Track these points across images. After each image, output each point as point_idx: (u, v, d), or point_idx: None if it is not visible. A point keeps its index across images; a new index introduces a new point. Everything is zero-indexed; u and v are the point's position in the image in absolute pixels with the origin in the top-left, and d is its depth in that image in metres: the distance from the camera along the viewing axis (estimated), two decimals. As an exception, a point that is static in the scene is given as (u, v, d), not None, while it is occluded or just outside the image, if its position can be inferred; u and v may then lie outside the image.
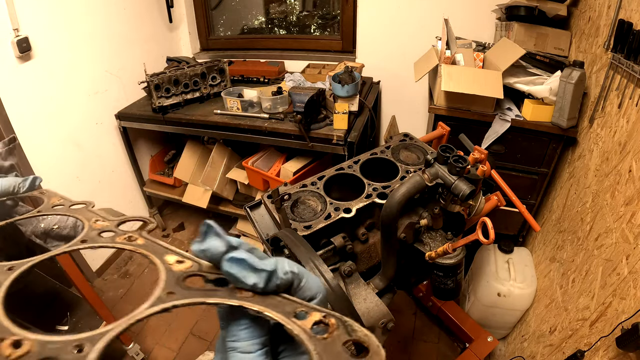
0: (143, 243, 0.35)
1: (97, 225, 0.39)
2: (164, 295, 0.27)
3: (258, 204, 1.11)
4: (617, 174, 1.24)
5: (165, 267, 0.30)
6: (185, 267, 0.30)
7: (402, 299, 2.22)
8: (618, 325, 1.03)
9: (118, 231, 0.38)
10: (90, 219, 0.40)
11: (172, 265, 0.30)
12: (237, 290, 0.28)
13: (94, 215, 0.42)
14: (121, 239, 0.36)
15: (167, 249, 0.33)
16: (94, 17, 2.13)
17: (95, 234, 0.37)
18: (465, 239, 0.78)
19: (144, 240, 0.35)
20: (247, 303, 0.27)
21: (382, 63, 2.43)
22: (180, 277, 0.29)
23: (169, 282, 0.28)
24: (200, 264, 0.31)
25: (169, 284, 0.28)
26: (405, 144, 1.21)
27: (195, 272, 0.29)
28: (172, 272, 0.30)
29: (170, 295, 0.27)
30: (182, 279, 0.29)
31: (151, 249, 0.34)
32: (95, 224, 0.39)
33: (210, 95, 2.31)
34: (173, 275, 0.29)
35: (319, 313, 0.26)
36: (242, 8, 2.99)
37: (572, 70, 1.45)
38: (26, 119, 1.86)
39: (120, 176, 2.54)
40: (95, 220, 0.40)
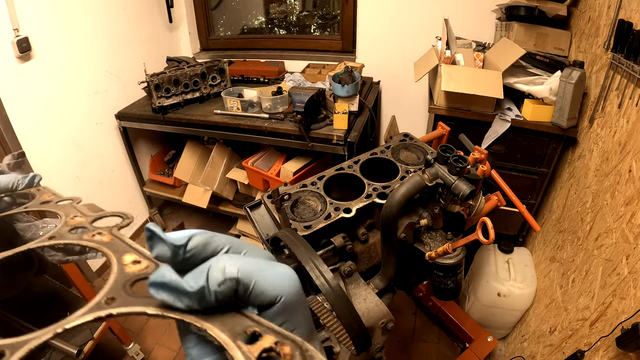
0: (109, 240, 0.33)
1: (73, 221, 0.38)
2: (102, 301, 0.25)
3: (258, 204, 1.11)
4: (617, 174, 1.24)
5: (119, 267, 0.29)
6: (139, 268, 0.28)
7: (402, 299, 2.22)
8: (618, 325, 1.03)
9: (90, 227, 0.37)
10: (69, 214, 0.40)
11: (126, 266, 0.29)
12: None
13: (74, 211, 0.41)
14: (89, 235, 0.35)
15: (130, 246, 0.32)
16: (94, 17, 2.13)
17: (67, 230, 0.37)
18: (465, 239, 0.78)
19: (110, 238, 0.34)
20: (190, 317, 0.23)
21: (382, 63, 2.43)
22: (129, 280, 0.27)
23: (115, 285, 0.27)
24: (159, 265, 0.29)
25: (114, 288, 0.26)
26: (405, 144, 1.21)
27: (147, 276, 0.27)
28: (123, 274, 0.28)
29: (110, 301, 0.25)
30: (130, 283, 0.27)
31: (113, 246, 0.32)
32: (72, 219, 0.39)
33: (210, 95, 2.31)
34: (123, 278, 0.27)
35: (271, 337, 0.22)
36: (242, 8, 2.99)
37: (572, 70, 1.45)
38: (26, 119, 1.86)
39: (120, 176, 2.54)
40: (73, 216, 0.39)
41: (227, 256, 0.24)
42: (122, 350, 1.91)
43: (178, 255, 0.25)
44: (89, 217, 0.39)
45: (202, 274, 0.22)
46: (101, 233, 0.35)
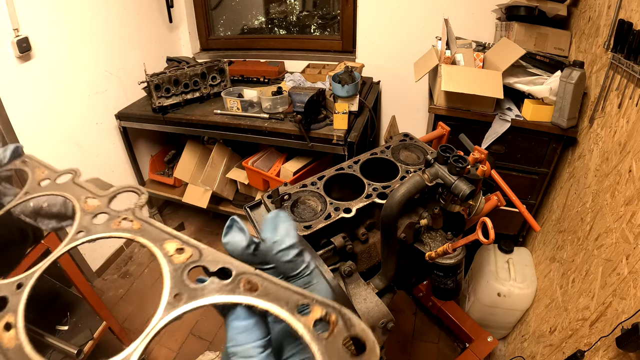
0: (139, 227, 0.33)
1: (89, 206, 0.37)
2: (171, 299, 0.27)
3: (258, 204, 1.11)
4: (617, 174, 1.24)
5: (166, 260, 0.29)
6: (186, 257, 0.30)
7: (402, 299, 2.22)
8: (618, 325, 1.03)
9: (111, 212, 0.36)
10: (80, 198, 0.38)
11: (172, 257, 0.30)
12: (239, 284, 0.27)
13: (82, 191, 0.39)
14: (116, 223, 0.34)
15: (165, 232, 0.32)
16: (94, 17, 2.13)
17: (89, 219, 0.36)
18: (465, 239, 0.78)
19: (139, 224, 0.34)
20: (252, 300, 0.26)
21: (382, 63, 2.43)
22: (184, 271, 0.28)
23: (174, 281, 0.28)
24: (201, 251, 0.30)
25: (174, 284, 0.28)
26: (405, 144, 1.21)
27: (196, 264, 0.29)
28: (174, 266, 0.29)
29: (177, 297, 0.27)
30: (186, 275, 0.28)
31: (149, 235, 0.32)
32: (86, 204, 0.37)
33: (210, 95, 2.31)
34: (175, 271, 0.28)
35: (320, 308, 0.26)
36: (242, 8, 2.99)
37: (572, 70, 1.45)
38: (26, 118, 1.86)
39: (120, 176, 2.54)
40: (86, 199, 0.38)
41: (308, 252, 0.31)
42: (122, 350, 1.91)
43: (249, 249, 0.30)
44: (102, 199, 0.38)
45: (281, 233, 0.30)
46: (127, 218, 0.34)
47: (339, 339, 0.25)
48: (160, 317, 0.26)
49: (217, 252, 0.30)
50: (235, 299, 0.26)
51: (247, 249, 0.29)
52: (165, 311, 0.26)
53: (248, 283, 0.27)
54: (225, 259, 0.29)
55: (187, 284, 0.28)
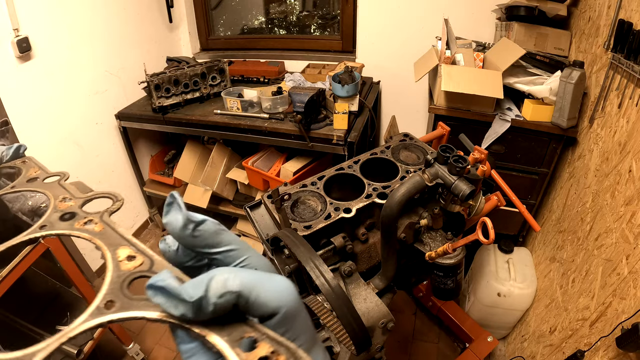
0: (101, 230, 0.32)
1: (62, 205, 0.37)
2: (102, 305, 0.25)
3: (258, 204, 1.11)
4: (617, 174, 1.24)
5: (114, 264, 0.28)
6: (135, 265, 0.28)
7: (402, 299, 2.22)
8: (618, 325, 1.03)
9: (80, 213, 0.35)
10: (58, 197, 0.38)
11: (121, 263, 0.28)
12: None
13: (62, 191, 0.40)
14: (80, 224, 0.34)
15: (123, 238, 0.31)
16: (94, 17, 2.13)
17: (57, 217, 0.35)
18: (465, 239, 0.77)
19: (102, 227, 0.33)
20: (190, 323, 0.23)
21: (382, 63, 2.43)
22: (126, 279, 0.27)
23: (113, 286, 0.26)
24: (153, 261, 0.28)
25: (111, 290, 0.26)
26: (405, 144, 1.21)
27: (143, 274, 0.27)
28: (118, 272, 0.27)
29: (110, 304, 0.25)
30: (127, 283, 0.27)
31: (107, 238, 0.31)
32: (60, 203, 0.37)
33: (210, 95, 2.31)
34: (119, 277, 0.27)
35: (268, 345, 0.22)
36: (242, 8, 2.99)
37: (572, 70, 1.45)
38: (26, 118, 1.86)
39: (120, 176, 2.54)
40: (62, 199, 0.38)
41: (229, 269, 0.24)
42: (122, 350, 1.91)
43: (187, 229, 0.26)
44: (78, 200, 0.38)
45: (202, 284, 0.22)
46: (92, 220, 0.34)
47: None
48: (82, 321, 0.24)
49: (168, 263, 0.28)
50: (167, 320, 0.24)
51: (186, 229, 0.26)
52: (90, 316, 0.24)
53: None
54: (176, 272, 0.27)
55: (125, 293, 0.26)
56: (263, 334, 0.23)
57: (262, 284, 0.23)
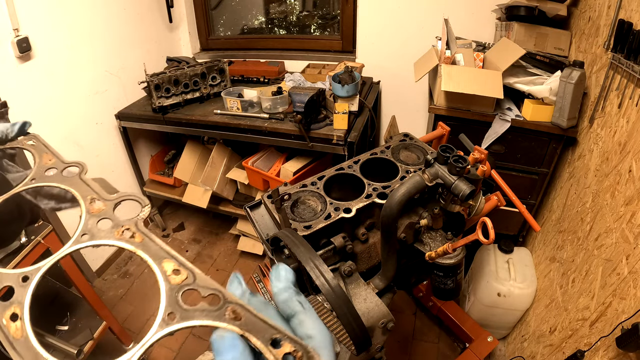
0: (141, 241, 0.36)
1: (94, 209, 0.39)
2: (166, 316, 0.30)
3: (258, 204, 1.11)
4: (617, 174, 1.24)
5: (164, 278, 0.32)
6: (182, 279, 0.32)
7: (402, 299, 2.22)
8: (618, 325, 1.03)
9: (115, 219, 0.38)
10: (86, 197, 0.40)
11: (169, 277, 0.32)
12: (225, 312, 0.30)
13: (88, 190, 0.41)
14: (119, 233, 0.36)
15: (164, 250, 0.35)
16: (94, 17, 2.13)
17: (94, 223, 0.37)
18: (465, 239, 0.78)
19: (142, 238, 0.36)
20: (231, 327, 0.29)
21: (382, 63, 2.43)
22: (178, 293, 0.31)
23: (169, 300, 0.31)
24: (195, 275, 0.33)
25: (169, 303, 0.31)
26: (405, 144, 1.21)
27: (190, 287, 0.32)
28: (170, 286, 0.32)
29: (171, 316, 0.30)
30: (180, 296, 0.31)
31: (149, 250, 0.35)
32: (91, 206, 0.39)
33: (210, 95, 2.31)
34: (171, 290, 0.31)
35: (290, 345, 0.29)
36: (242, 8, 2.99)
37: (572, 70, 1.45)
38: (26, 119, 1.85)
39: (120, 176, 2.54)
40: (91, 200, 0.40)
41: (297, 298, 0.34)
42: (122, 350, 1.91)
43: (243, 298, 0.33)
44: (108, 203, 0.40)
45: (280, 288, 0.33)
46: (129, 228, 0.36)
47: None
48: (155, 332, 0.29)
49: (209, 278, 0.33)
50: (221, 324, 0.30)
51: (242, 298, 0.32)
52: (159, 327, 0.29)
53: (233, 312, 0.30)
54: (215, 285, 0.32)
55: (181, 304, 0.31)
56: (285, 335, 0.29)
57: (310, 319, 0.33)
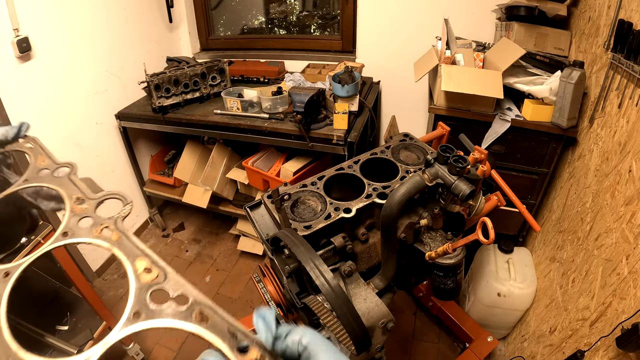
0: (117, 239, 0.36)
1: (77, 208, 0.40)
2: (131, 316, 0.30)
3: (258, 204, 1.11)
4: (617, 174, 1.24)
5: (135, 277, 0.32)
6: (152, 278, 0.32)
7: (402, 299, 2.22)
8: (618, 325, 1.03)
9: (96, 218, 0.38)
10: (72, 197, 0.41)
11: (140, 275, 0.32)
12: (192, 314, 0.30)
13: (75, 190, 0.42)
14: (97, 230, 0.37)
15: (138, 248, 0.35)
16: (94, 17, 2.13)
17: (75, 221, 0.38)
18: (465, 239, 0.78)
19: (118, 236, 0.36)
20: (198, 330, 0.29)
21: (382, 63, 2.43)
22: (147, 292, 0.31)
23: (137, 299, 0.31)
24: (166, 274, 0.33)
25: (136, 302, 0.31)
26: (405, 144, 1.21)
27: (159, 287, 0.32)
28: (139, 285, 0.32)
29: (136, 315, 0.30)
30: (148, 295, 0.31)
31: (124, 248, 0.35)
32: (75, 205, 0.40)
33: (210, 95, 2.31)
34: (140, 289, 0.31)
35: (257, 350, 0.29)
36: (242, 8, 2.99)
37: (572, 70, 1.45)
38: (26, 119, 1.84)
39: (120, 176, 2.54)
40: (76, 199, 0.41)
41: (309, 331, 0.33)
42: (122, 350, 1.91)
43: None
44: (91, 202, 0.40)
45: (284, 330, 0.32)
46: (108, 227, 0.37)
47: None
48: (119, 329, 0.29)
49: (181, 278, 0.33)
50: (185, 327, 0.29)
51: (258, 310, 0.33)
52: (123, 326, 0.29)
53: (200, 314, 0.30)
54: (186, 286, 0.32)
55: (147, 304, 0.30)
56: (253, 340, 0.29)
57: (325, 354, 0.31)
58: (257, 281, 1.21)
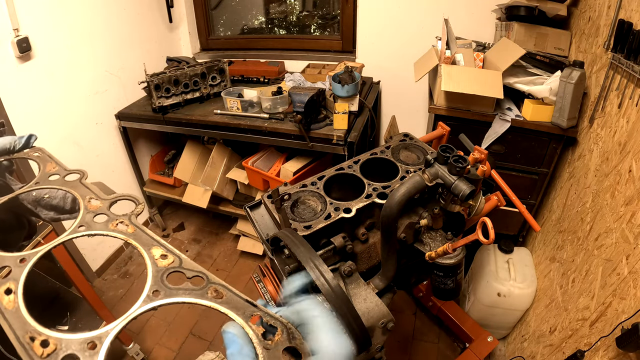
0: (133, 232, 0.39)
1: (92, 206, 0.43)
2: (151, 293, 0.33)
3: (258, 204, 1.11)
4: (617, 174, 1.24)
5: (151, 262, 0.35)
6: (168, 262, 0.35)
7: (402, 299, 2.22)
8: (618, 325, 1.03)
9: (110, 215, 0.41)
10: (85, 197, 0.44)
11: (157, 260, 0.35)
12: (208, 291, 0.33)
13: (87, 191, 0.45)
14: (113, 224, 0.40)
15: (154, 239, 0.38)
16: (94, 17, 2.13)
17: (91, 217, 0.41)
18: (465, 239, 0.77)
19: (133, 229, 0.39)
20: (215, 305, 0.32)
21: (382, 63, 2.43)
22: (164, 274, 0.34)
23: (155, 279, 0.34)
24: (181, 260, 0.36)
25: (155, 282, 0.33)
26: (405, 144, 1.21)
27: (176, 269, 0.35)
28: (157, 268, 0.35)
29: (155, 293, 0.33)
30: (165, 276, 0.34)
31: (140, 239, 0.38)
32: (89, 203, 0.43)
33: (210, 95, 2.31)
34: (158, 272, 0.34)
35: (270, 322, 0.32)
36: (242, 8, 2.99)
37: (572, 70, 1.45)
38: (26, 118, 1.86)
39: (120, 176, 2.54)
40: (89, 199, 0.43)
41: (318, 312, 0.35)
42: (122, 350, 1.91)
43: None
44: (104, 201, 0.43)
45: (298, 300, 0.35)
46: (123, 222, 0.40)
47: (281, 347, 0.31)
48: (139, 305, 0.32)
49: (193, 262, 0.36)
50: (203, 302, 0.32)
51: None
52: (143, 302, 0.32)
53: (215, 291, 0.33)
54: (199, 268, 0.35)
55: (165, 284, 0.33)
56: (265, 313, 0.32)
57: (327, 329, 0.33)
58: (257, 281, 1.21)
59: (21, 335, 0.28)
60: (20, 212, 0.65)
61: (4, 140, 0.51)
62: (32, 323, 0.29)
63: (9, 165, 0.54)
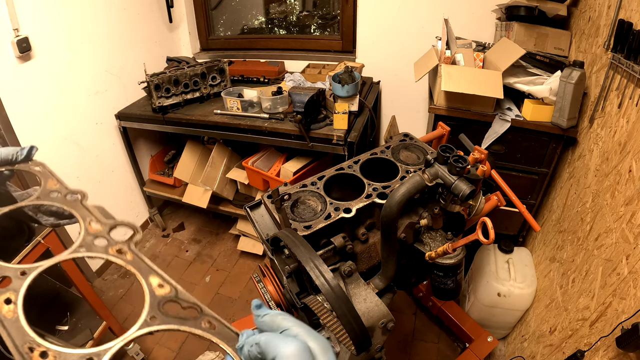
0: (131, 259, 0.40)
1: (92, 228, 0.44)
2: (148, 319, 0.34)
3: (258, 204, 1.11)
4: (617, 174, 1.24)
5: (149, 290, 0.37)
6: (165, 292, 0.37)
7: (402, 299, 2.22)
8: (618, 325, 1.03)
9: (110, 240, 0.43)
10: (85, 219, 0.45)
11: (154, 289, 0.37)
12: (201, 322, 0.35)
13: (87, 213, 0.46)
14: (113, 250, 0.41)
15: (151, 269, 0.39)
16: (94, 17, 2.13)
17: (91, 239, 0.42)
18: (465, 239, 0.78)
19: (132, 256, 0.41)
20: (208, 335, 0.34)
21: (382, 63, 2.43)
22: (161, 302, 0.36)
23: (152, 306, 0.35)
24: (177, 290, 0.37)
25: (152, 308, 0.35)
26: (405, 144, 1.21)
27: (172, 299, 0.37)
28: (154, 296, 0.36)
29: (153, 319, 0.34)
30: (162, 305, 0.36)
31: (137, 265, 0.40)
32: (90, 226, 0.44)
33: (210, 95, 2.31)
34: (155, 299, 0.36)
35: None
36: (242, 8, 2.99)
37: (572, 70, 1.45)
38: (26, 118, 1.86)
39: (120, 176, 2.54)
40: (90, 222, 0.45)
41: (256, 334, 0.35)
42: (122, 350, 1.91)
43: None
44: (104, 225, 0.45)
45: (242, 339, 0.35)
46: (121, 250, 0.41)
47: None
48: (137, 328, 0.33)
49: (188, 293, 0.37)
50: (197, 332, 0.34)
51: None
52: (141, 326, 0.34)
53: (208, 323, 0.35)
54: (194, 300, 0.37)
55: (162, 311, 0.35)
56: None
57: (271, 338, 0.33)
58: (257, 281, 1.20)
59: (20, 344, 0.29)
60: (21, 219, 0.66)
61: (6, 151, 0.52)
62: (31, 334, 0.30)
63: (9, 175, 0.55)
